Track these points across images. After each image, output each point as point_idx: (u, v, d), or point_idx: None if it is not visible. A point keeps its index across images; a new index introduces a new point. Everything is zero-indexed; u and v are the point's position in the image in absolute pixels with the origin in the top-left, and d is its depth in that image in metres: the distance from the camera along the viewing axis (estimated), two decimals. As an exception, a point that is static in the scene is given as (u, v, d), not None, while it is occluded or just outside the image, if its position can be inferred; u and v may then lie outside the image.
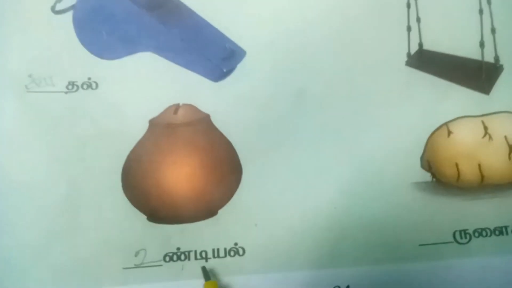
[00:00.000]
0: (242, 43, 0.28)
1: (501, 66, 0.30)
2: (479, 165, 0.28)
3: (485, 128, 0.28)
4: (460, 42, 0.30)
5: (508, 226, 0.27)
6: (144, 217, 0.26)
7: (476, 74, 0.30)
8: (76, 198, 0.26)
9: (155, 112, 0.27)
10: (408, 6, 0.29)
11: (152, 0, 0.28)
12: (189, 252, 0.26)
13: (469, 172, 0.28)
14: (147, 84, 0.28)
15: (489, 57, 0.30)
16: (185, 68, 0.28)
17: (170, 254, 0.26)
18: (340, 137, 0.28)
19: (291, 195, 0.27)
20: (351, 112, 0.29)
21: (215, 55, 0.28)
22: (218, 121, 0.28)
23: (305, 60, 0.29)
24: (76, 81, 0.27)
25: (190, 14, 0.28)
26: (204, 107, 0.28)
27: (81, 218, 0.26)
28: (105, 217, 0.26)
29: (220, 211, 0.27)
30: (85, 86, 0.27)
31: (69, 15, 0.28)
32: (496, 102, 0.30)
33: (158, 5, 0.28)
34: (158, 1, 0.28)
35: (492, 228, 0.27)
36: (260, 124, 0.28)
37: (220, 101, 0.27)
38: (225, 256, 0.26)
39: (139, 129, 0.27)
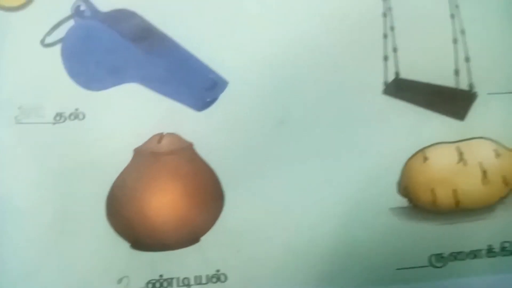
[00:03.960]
0: (224, 73, 0.29)
1: (475, 93, 0.31)
2: (454, 190, 0.28)
3: (460, 154, 0.29)
4: (436, 71, 0.31)
5: (482, 250, 0.28)
6: (127, 244, 0.27)
7: (451, 101, 0.31)
8: (62, 225, 0.27)
9: (140, 141, 0.28)
10: (385, 36, 0.30)
11: (138, 33, 0.28)
12: (171, 279, 0.26)
13: (444, 197, 0.28)
14: (133, 114, 0.28)
15: (464, 85, 0.31)
16: (170, 98, 0.28)
17: (153, 281, 0.26)
18: (321, 163, 0.29)
19: (272, 221, 0.28)
20: (331, 139, 0.30)
21: (199, 86, 0.28)
22: (201, 149, 0.28)
23: (286, 89, 0.30)
24: (64, 112, 0.28)
25: (174, 46, 0.28)
26: (188, 136, 0.28)
27: (66, 245, 0.26)
28: (89, 244, 0.27)
29: (202, 238, 0.27)
30: (72, 117, 0.28)
31: (57, 48, 0.28)
32: (470, 128, 0.31)
33: (144, 37, 0.28)
34: (144, 33, 0.28)
35: (467, 251, 0.28)
36: (242, 151, 0.28)
37: (204, 130, 0.28)
38: (207, 283, 0.26)
39: (125, 158, 0.28)
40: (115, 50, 0.29)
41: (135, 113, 0.29)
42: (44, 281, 0.26)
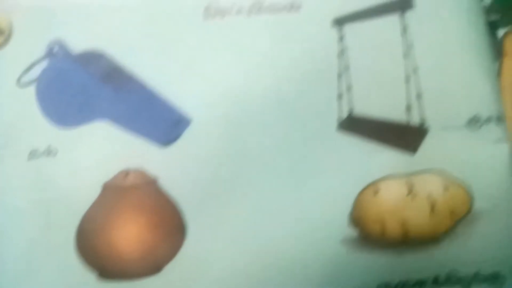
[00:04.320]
0: (188, 111, 0.31)
1: (427, 128, 0.33)
2: (403, 222, 0.30)
3: (410, 187, 0.31)
4: (389, 107, 0.33)
5: (428, 280, 0.30)
6: (94, 274, 0.29)
7: (403, 136, 0.33)
8: (33, 257, 0.29)
9: (108, 176, 0.30)
10: (339, 76, 0.31)
11: (107, 73, 0.31)
12: (134, 308, 0.28)
13: (393, 228, 0.30)
14: (102, 150, 0.30)
15: (415, 120, 0.33)
16: (136, 135, 0.30)
17: (118, 309, 0.28)
18: (277, 196, 0.31)
19: (232, 251, 0.30)
20: (288, 173, 0.31)
21: (163, 123, 0.30)
22: (166, 184, 0.30)
23: (246, 125, 0.32)
24: (38, 149, 0.30)
25: (140, 85, 0.31)
26: (153, 171, 0.30)
27: (37, 276, 0.28)
28: (59, 274, 0.29)
29: (165, 268, 0.29)
30: (45, 154, 0.30)
31: (32, 87, 0.31)
32: (422, 161, 0.32)
33: (112, 77, 0.31)
34: (112, 73, 0.31)
35: (413, 281, 0.30)
36: (205, 184, 0.30)
37: (168, 165, 0.30)
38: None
39: (94, 192, 0.30)
40: (86, 90, 0.31)
41: (104, 149, 0.31)
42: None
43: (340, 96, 0.32)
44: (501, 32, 0.41)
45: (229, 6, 0.31)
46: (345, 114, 0.33)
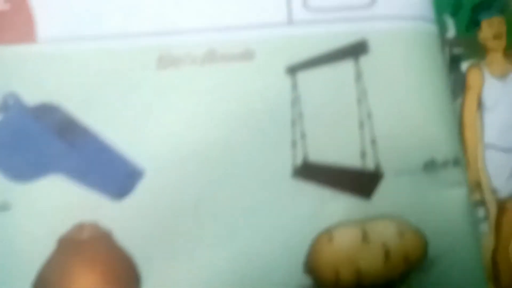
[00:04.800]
0: (141, 163, 0.31)
1: (382, 173, 0.34)
2: (357, 270, 0.31)
3: (365, 233, 0.31)
4: (343, 153, 0.34)
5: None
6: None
7: (358, 182, 0.34)
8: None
9: (63, 230, 0.30)
10: (293, 123, 0.32)
11: (61, 126, 0.31)
12: None
13: (347, 276, 0.31)
14: (56, 204, 0.31)
15: (370, 165, 0.34)
16: (91, 188, 0.30)
17: None
18: (231, 245, 0.32)
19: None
20: (243, 222, 0.32)
21: (117, 176, 0.31)
22: (120, 237, 0.31)
23: (200, 176, 0.33)
24: (-9, 204, 0.30)
25: (94, 137, 0.31)
26: (107, 225, 0.30)
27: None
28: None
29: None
30: (0, 209, 0.30)
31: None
32: (377, 207, 0.34)
33: (66, 130, 0.31)
34: (66, 126, 0.31)
35: (367, 328, 0.30)
36: (160, 238, 0.31)
37: (122, 218, 0.31)
38: None
39: (48, 247, 0.30)
40: (40, 143, 0.31)
41: (58, 203, 0.31)
42: None
43: (294, 144, 0.33)
44: (464, 66, 0.41)
45: (182, 55, 0.31)
46: (299, 161, 0.33)
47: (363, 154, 0.33)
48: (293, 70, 0.34)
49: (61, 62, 0.33)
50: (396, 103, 0.34)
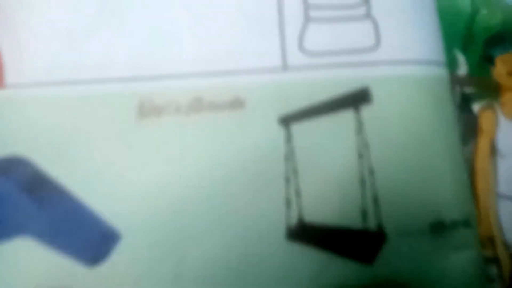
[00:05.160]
0: (118, 225, 0.29)
1: (384, 234, 0.32)
2: None
3: None
4: (342, 213, 0.32)
5: None
6: None
7: (359, 244, 0.32)
8: None
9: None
10: (287, 180, 0.30)
11: (31, 182, 0.29)
12: None
13: None
14: (23, 270, 0.29)
15: (372, 226, 0.32)
16: (61, 252, 0.29)
17: None
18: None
19: None
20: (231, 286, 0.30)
21: (90, 239, 0.29)
22: (93, 306, 0.29)
23: (183, 241, 0.31)
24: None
25: (67, 195, 0.29)
26: (79, 292, 0.29)
27: None
28: None
29: None
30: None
31: None
32: (378, 273, 0.32)
33: (36, 187, 0.30)
34: (36, 182, 0.29)
35: None
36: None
37: (96, 285, 0.28)
38: None
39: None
40: (6, 202, 0.30)
41: (25, 269, 0.29)
42: None
43: (288, 202, 0.31)
44: (476, 107, 0.39)
45: (165, 103, 0.30)
46: (294, 222, 0.32)
47: (364, 214, 0.32)
48: (287, 120, 0.33)
49: (31, 109, 0.32)
50: (401, 157, 0.33)
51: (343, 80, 0.32)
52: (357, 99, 0.32)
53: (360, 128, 0.32)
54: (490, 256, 0.39)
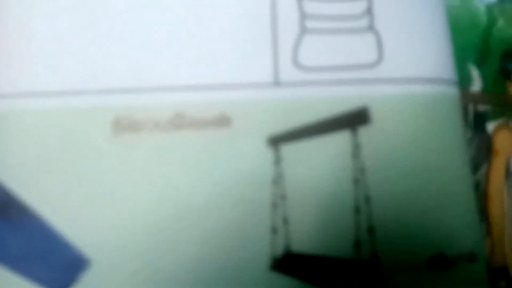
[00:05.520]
0: (87, 250, 0.28)
1: (379, 268, 0.31)
2: None
3: None
4: (334, 243, 0.31)
5: None
6: None
7: (351, 278, 0.31)
8: None
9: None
10: (274, 206, 0.29)
11: (0, 206, 0.28)
12: None
13: None
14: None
15: (365, 259, 0.31)
16: (27, 279, 0.28)
17: None
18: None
19: None
20: None
21: (58, 264, 0.28)
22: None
23: (157, 269, 0.30)
24: None
25: (35, 219, 0.28)
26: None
27: None
28: None
29: None
30: None
31: None
32: None
33: (6, 211, 0.28)
34: (5, 206, 0.28)
35: None
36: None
37: (62, 313, 0.28)
38: None
39: None
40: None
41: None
42: None
43: (274, 230, 0.31)
44: (491, 126, 0.38)
45: (144, 119, 0.28)
46: (280, 252, 0.31)
47: (357, 245, 0.31)
48: (276, 141, 0.31)
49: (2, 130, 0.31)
50: (401, 185, 0.32)
51: (340, 99, 0.31)
52: (354, 119, 0.31)
53: (357, 151, 0.31)
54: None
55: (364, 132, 0.31)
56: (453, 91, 0.33)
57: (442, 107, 0.32)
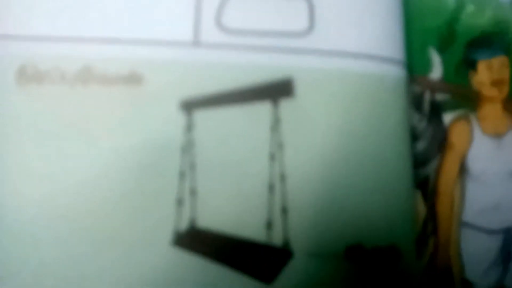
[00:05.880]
0: None
1: (290, 251, 0.30)
2: None
3: None
4: (244, 221, 0.30)
5: None
6: None
7: (259, 260, 0.30)
8: None
9: None
10: (182, 175, 0.28)
11: None
12: None
13: None
14: None
15: (277, 240, 0.30)
16: None
17: None
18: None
19: None
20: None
21: None
22: None
23: (57, 235, 0.29)
24: None
25: None
26: None
27: None
28: None
29: None
30: None
31: None
32: None
33: None
34: None
35: None
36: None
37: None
38: None
39: None
40: None
41: None
42: None
43: (180, 202, 0.30)
44: (448, 118, 0.36)
45: (49, 69, 0.28)
46: (184, 226, 0.30)
47: (269, 225, 0.30)
48: (190, 106, 0.31)
49: None
50: (321, 165, 0.31)
51: (264, 67, 0.31)
52: (277, 90, 0.30)
53: (276, 124, 0.30)
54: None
55: (286, 105, 0.30)
56: (397, 72, 0.32)
57: (376, 85, 0.31)
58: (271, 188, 0.30)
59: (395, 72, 0.32)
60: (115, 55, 0.30)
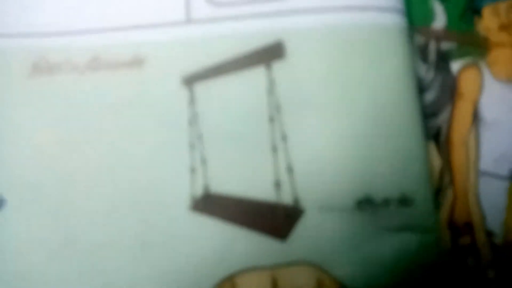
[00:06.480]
0: (3, 190, 0.33)
1: (301, 209, 0.33)
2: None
3: (274, 282, 0.31)
4: (253, 183, 0.34)
5: None
6: None
7: (272, 218, 0.33)
8: None
9: None
10: (191, 146, 0.32)
11: None
12: None
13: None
14: None
15: (287, 199, 0.33)
16: None
17: None
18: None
19: None
20: (130, 263, 0.33)
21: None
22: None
23: (75, 210, 0.33)
24: None
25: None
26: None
27: None
28: None
29: None
30: None
31: None
32: (293, 250, 0.33)
33: None
34: None
35: None
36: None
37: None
38: None
39: None
40: None
41: None
42: None
43: (193, 170, 0.33)
44: (455, 66, 0.38)
45: (61, 62, 0.32)
46: (199, 192, 0.34)
47: (277, 185, 0.33)
48: (190, 80, 0.34)
49: None
50: (320, 122, 0.34)
51: (253, 33, 0.34)
52: (268, 54, 0.34)
53: (271, 87, 0.34)
54: (467, 246, 0.37)
55: (278, 68, 0.34)
56: (389, 19, 0.35)
57: (370, 36, 0.34)
58: (274, 149, 0.34)
59: (392, 19, 0.34)
60: (118, 42, 0.34)
